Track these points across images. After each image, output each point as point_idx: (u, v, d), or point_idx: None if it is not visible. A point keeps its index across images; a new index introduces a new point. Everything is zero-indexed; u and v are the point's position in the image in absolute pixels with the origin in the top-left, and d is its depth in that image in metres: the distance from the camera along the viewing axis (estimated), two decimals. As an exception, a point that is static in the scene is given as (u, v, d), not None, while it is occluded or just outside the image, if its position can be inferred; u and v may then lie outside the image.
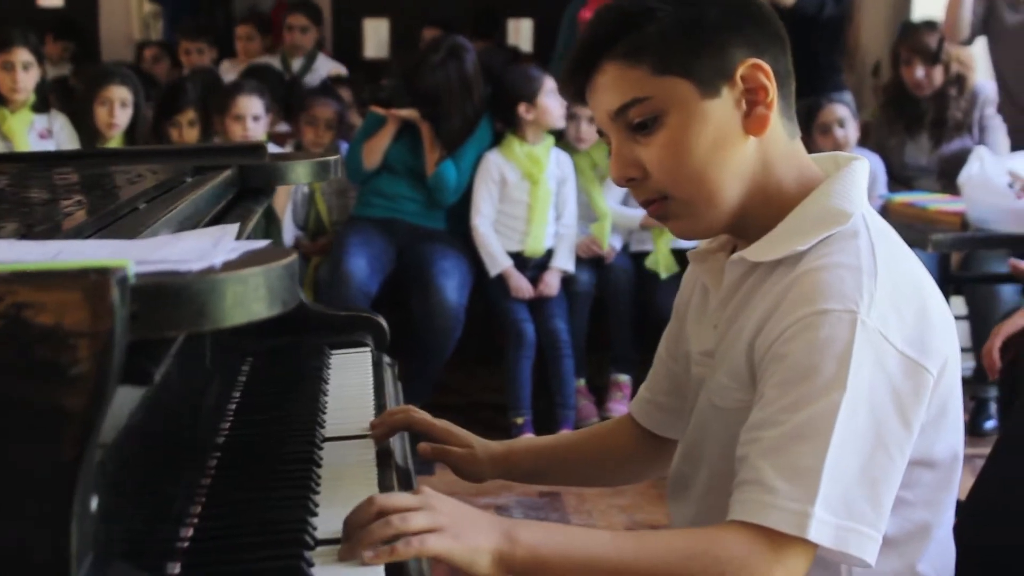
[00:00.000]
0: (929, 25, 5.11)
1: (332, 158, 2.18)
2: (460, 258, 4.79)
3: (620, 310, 4.91)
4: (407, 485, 1.71)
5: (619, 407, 4.84)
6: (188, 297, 0.92)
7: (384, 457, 1.69)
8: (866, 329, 1.37)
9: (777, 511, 1.33)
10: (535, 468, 1.86)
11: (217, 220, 1.79)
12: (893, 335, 1.39)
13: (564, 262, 4.83)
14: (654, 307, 4.86)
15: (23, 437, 0.86)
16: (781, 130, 1.52)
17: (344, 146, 5.09)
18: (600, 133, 1.57)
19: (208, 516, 1.43)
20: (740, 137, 1.50)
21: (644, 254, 4.94)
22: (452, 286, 4.65)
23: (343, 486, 1.55)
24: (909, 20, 5.58)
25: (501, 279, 4.76)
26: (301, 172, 2.14)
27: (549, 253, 4.85)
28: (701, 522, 1.57)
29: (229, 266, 0.97)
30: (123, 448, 1.10)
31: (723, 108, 1.48)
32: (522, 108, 4.75)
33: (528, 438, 2.02)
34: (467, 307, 4.70)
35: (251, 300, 0.96)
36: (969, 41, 4.91)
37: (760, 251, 1.51)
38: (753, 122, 1.49)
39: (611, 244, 4.93)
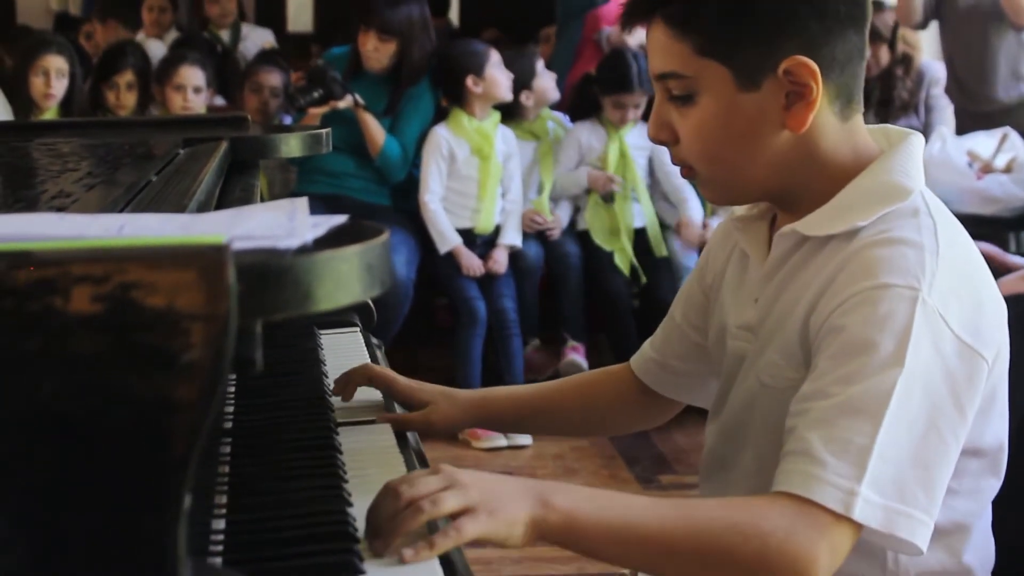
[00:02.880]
0: (876, 5, 5.10)
1: (324, 130, 2.09)
2: (406, 234, 4.72)
3: (570, 287, 4.86)
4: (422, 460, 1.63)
5: (574, 355, 4.80)
6: (294, 277, 0.84)
7: (403, 440, 1.62)
8: (926, 308, 1.33)
9: (823, 485, 1.28)
10: (515, 416, 1.83)
11: (221, 196, 1.70)
12: (952, 318, 1.35)
13: (512, 238, 4.78)
14: (603, 283, 4.83)
15: (130, 432, 0.78)
16: (831, 116, 1.44)
17: (287, 119, 4.99)
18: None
19: (239, 508, 1.34)
20: (776, 130, 1.43)
21: (591, 232, 4.90)
22: (400, 261, 4.58)
23: (370, 474, 1.48)
24: None
25: (451, 257, 4.69)
26: (293, 145, 2.05)
27: (496, 230, 4.79)
28: None
29: (324, 243, 0.90)
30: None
31: (761, 101, 1.42)
32: (470, 80, 4.70)
33: (507, 387, 1.96)
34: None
35: (352, 280, 0.89)
36: (923, 25, 4.91)
37: (815, 225, 1.45)
38: (793, 118, 1.42)
39: (557, 215, 4.90)
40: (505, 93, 4.77)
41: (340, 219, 0.99)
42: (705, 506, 1.35)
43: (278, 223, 0.95)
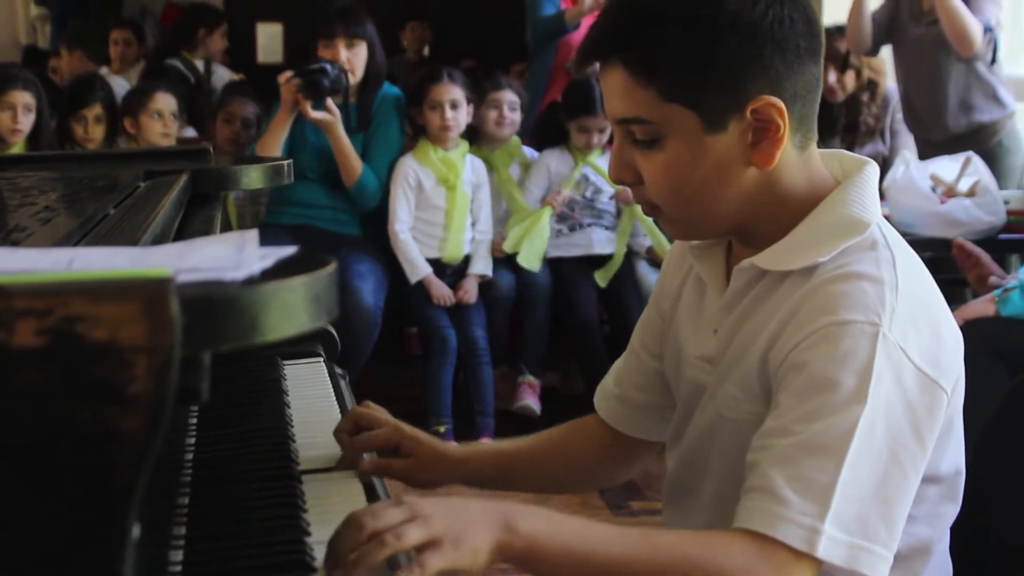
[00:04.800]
0: (841, 31, 5.14)
1: (286, 162, 2.10)
2: (374, 263, 4.72)
3: (536, 317, 4.85)
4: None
5: (528, 399, 4.78)
6: (239, 308, 0.85)
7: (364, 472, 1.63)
8: (887, 343, 1.34)
9: (786, 524, 1.29)
10: (499, 474, 1.79)
11: (181, 227, 1.71)
12: (912, 351, 1.36)
13: (482, 267, 4.78)
14: (574, 310, 4.83)
15: (74, 463, 0.78)
16: (791, 148, 1.45)
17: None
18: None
19: (197, 539, 1.35)
20: (743, 168, 1.44)
21: (560, 259, 4.90)
22: (368, 289, 4.57)
23: (330, 504, 1.49)
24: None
25: (421, 286, 4.69)
26: (254, 176, 2.05)
27: (466, 259, 4.79)
28: None
29: (271, 275, 0.91)
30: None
31: (728, 142, 1.42)
32: (425, 107, 4.71)
33: (490, 443, 1.93)
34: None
35: (299, 311, 0.90)
36: (873, 51, 4.95)
37: (774, 259, 1.46)
38: (760, 155, 1.42)
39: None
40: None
41: (289, 250, 1.00)
42: (669, 538, 1.36)
43: (226, 255, 0.96)
